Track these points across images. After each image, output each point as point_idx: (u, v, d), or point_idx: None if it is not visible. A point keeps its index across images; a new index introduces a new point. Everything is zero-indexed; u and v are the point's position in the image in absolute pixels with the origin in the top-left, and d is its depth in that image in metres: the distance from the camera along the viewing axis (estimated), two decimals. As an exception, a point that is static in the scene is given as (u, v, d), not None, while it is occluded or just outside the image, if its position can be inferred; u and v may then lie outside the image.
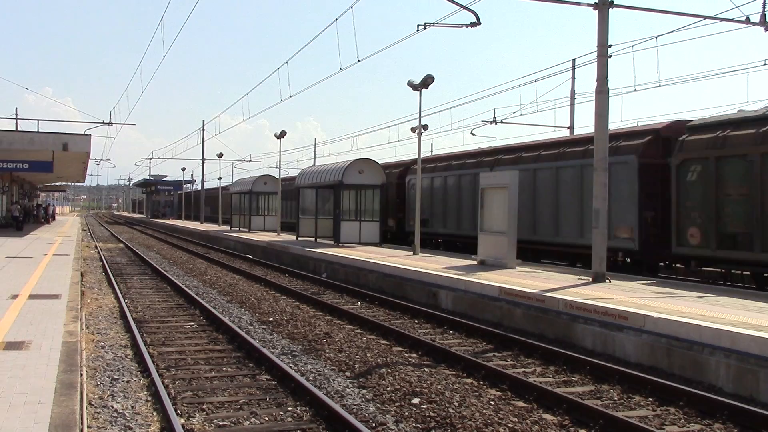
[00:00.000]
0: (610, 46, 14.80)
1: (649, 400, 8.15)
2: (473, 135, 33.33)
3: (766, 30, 14.82)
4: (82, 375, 7.58)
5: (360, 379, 8.92)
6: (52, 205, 72.71)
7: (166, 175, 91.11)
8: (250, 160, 64.60)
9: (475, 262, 18.84)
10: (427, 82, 21.52)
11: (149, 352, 10.04)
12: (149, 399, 7.89)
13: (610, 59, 14.78)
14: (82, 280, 17.20)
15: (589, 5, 14.72)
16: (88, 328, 11.95)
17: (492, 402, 7.89)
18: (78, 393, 6.42)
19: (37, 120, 41.03)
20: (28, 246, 25.50)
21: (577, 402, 7.65)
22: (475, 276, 15.38)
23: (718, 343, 8.92)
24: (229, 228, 47.48)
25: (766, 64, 19.35)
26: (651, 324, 9.99)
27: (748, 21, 14.98)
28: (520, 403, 7.90)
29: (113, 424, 6.94)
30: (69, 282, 14.60)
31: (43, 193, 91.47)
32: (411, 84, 21.97)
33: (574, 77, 29.74)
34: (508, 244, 17.62)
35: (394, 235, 30.46)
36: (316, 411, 7.44)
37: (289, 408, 7.63)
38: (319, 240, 29.28)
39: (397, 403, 7.84)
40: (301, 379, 8.39)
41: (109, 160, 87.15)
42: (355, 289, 17.55)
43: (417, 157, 23.43)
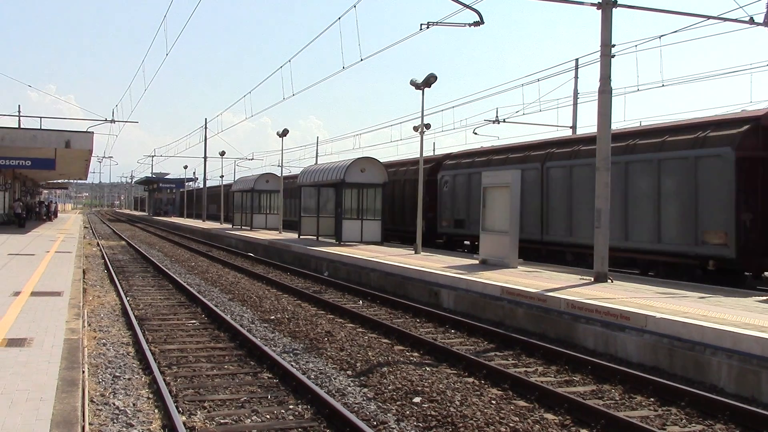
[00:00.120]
0: (614, 46, 14.78)
1: (651, 400, 8.14)
2: (475, 134, 33.34)
3: (770, 30, 14.74)
4: (83, 372, 7.60)
5: (361, 378, 8.92)
6: (55, 203, 72.85)
7: (168, 173, 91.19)
8: (252, 158, 64.60)
9: (477, 262, 18.84)
10: (429, 81, 21.52)
11: (151, 350, 10.05)
12: (151, 396, 7.90)
13: (613, 59, 14.75)
14: (84, 278, 17.23)
15: (593, 5, 14.70)
16: (90, 325, 11.97)
17: (493, 401, 7.89)
18: (80, 390, 6.43)
19: (40, 117, 41.13)
20: (30, 243, 25.54)
21: (579, 402, 7.64)
22: (476, 275, 15.38)
23: (720, 343, 8.91)
24: (230, 226, 47.51)
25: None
26: (653, 324, 9.98)
27: (752, 21, 14.95)
28: (522, 403, 7.90)
29: (115, 421, 6.95)
30: (71, 279, 14.62)
31: (45, 191, 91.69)
32: (414, 83, 21.97)
33: (577, 77, 29.74)
34: (510, 244, 17.61)
35: (423, 237, 28.68)
36: (318, 409, 7.45)
37: (291, 406, 7.64)
38: (320, 238, 29.28)
39: (398, 402, 7.85)
40: (303, 378, 8.39)
41: (111, 157, 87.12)
42: (356, 287, 17.55)
43: (420, 156, 23.40)
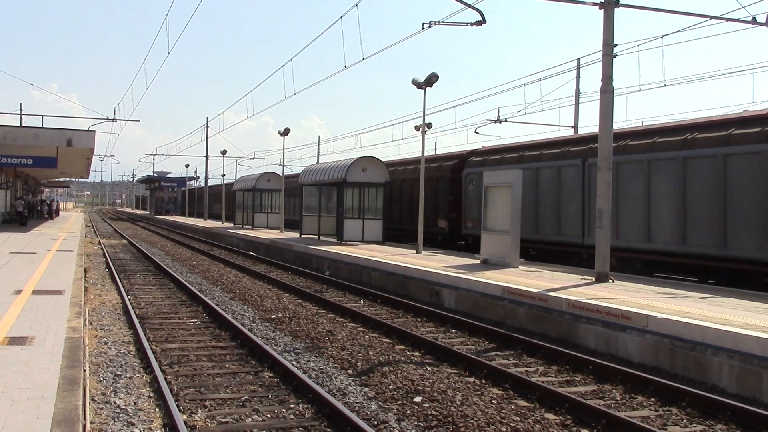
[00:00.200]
0: (616, 46, 14.77)
1: (652, 400, 8.14)
2: (477, 134, 33.33)
3: (772, 30, 14.72)
4: (85, 371, 7.60)
5: (362, 377, 8.92)
6: (56, 201, 72.88)
7: (169, 172, 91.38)
8: (254, 157, 64.57)
9: (478, 261, 18.83)
10: (431, 80, 21.52)
11: (152, 349, 10.06)
12: (152, 395, 7.90)
13: (615, 59, 14.74)
14: (85, 276, 17.25)
15: (595, 4, 14.69)
16: (91, 324, 11.98)
17: (494, 401, 7.89)
18: (81, 389, 6.44)
19: (42, 116, 41.01)
20: (31, 241, 25.56)
21: (580, 402, 7.64)
22: (478, 275, 15.37)
23: (721, 343, 8.90)
24: (232, 225, 47.52)
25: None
26: (654, 324, 9.97)
27: (754, 21, 14.93)
28: (523, 403, 7.90)
29: (116, 420, 6.95)
30: (72, 278, 14.63)
31: (47, 189, 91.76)
32: (415, 82, 21.97)
33: (579, 76, 29.70)
34: (512, 243, 17.60)
35: (445, 238, 26.79)
36: (318, 409, 7.45)
37: (292, 405, 7.64)
38: (322, 238, 29.28)
39: (399, 402, 7.85)
40: (304, 377, 8.40)
41: (113, 156, 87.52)
42: (357, 287, 17.55)
43: (421, 155, 23.40)
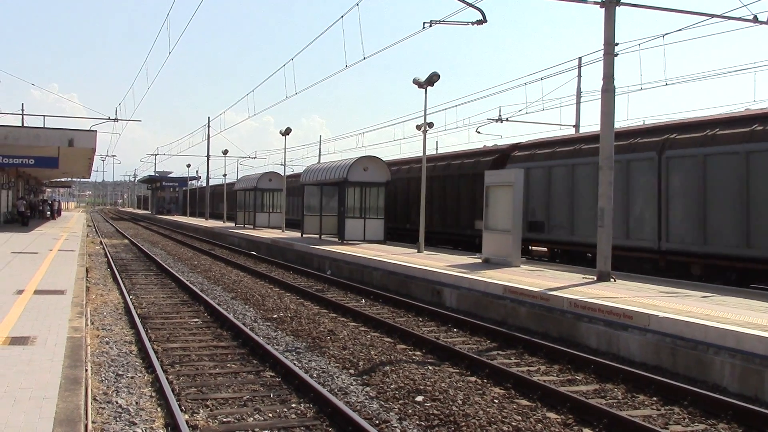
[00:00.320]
0: (617, 45, 14.75)
1: (654, 399, 8.13)
2: (478, 133, 33.26)
3: (773, 29, 14.67)
4: (86, 370, 7.61)
5: (364, 377, 8.92)
6: (58, 201, 72.93)
7: (171, 172, 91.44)
8: (255, 157, 64.65)
9: (479, 260, 18.83)
10: (432, 79, 21.51)
11: (154, 348, 10.06)
12: (153, 395, 7.91)
13: (616, 57, 14.73)
14: (87, 276, 17.25)
15: (596, 3, 14.66)
16: (93, 323, 11.98)
17: (496, 400, 7.89)
18: (83, 388, 6.44)
19: (43, 116, 41.30)
20: (33, 241, 25.58)
21: (581, 401, 7.64)
22: (479, 274, 15.37)
23: (723, 343, 8.89)
24: (233, 225, 47.55)
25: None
26: (656, 323, 9.96)
27: (755, 20, 14.90)
28: (524, 402, 7.90)
29: (117, 419, 6.96)
30: (74, 277, 14.64)
31: (48, 189, 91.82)
32: (417, 81, 21.96)
33: (580, 75, 29.66)
34: (513, 242, 17.60)
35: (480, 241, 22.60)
36: (320, 408, 7.45)
37: (293, 405, 7.64)
38: (323, 237, 29.29)
39: (400, 401, 7.85)
40: (305, 376, 8.40)
41: (114, 156, 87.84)
42: (359, 286, 17.55)
43: (422, 154, 23.41)
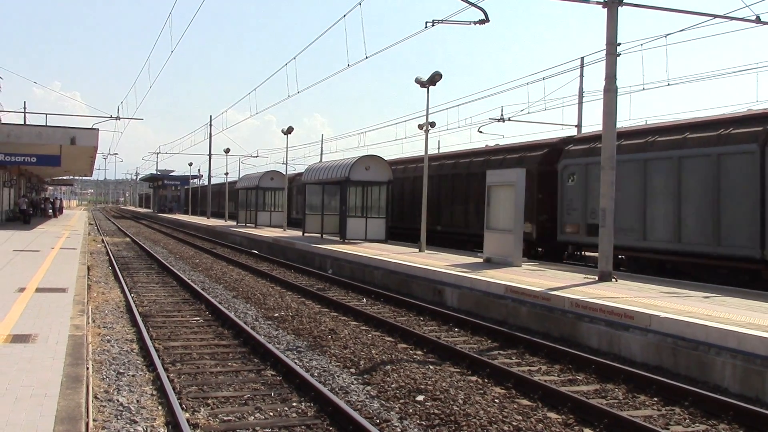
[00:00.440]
0: (619, 45, 14.74)
1: (655, 399, 8.13)
2: (480, 132, 33.16)
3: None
4: (88, 368, 7.61)
5: (365, 376, 8.92)
6: (60, 199, 72.98)
7: (173, 170, 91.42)
8: (257, 156, 64.92)
9: (481, 260, 18.83)
10: (434, 79, 21.50)
11: (155, 347, 10.07)
12: (154, 393, 7.91)
13: (618, 57, 14.72)
14: (88, 274, 17.26)
15: (598, 3, 14.65)
16: (94, 321, 12.00)
17: (497, 400, 7.89)
18: (84, 386, 6.45)
19: (45, 114, 41.35)
20: (35, 239, 25.61)
21: (582, 401, 7.64)
22: (480, 274, 15.36)
23: (724, 343, 8.89)
24: (235, 223, 47.56)
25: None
26: (657, 324, 9.96)
27: (758, 20, 14.88)
28: (525, 402, 7.90)
29: (118, 417, 6.97)
30: (76, 276, 14.65)
31: (50, 187, 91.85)
32: (419, 81, 21.95)
33: (582, 75, 29.63)
34: (515, 242, 17.60)
35: (532, 246, 21.39)
36: (321, 407, 7.45)
37: (294, 404, 7.65)
38: (325, 236, 29.30)
39: (401, 400, 7.85)
40: (306, 375, 8.40)
41: (116, 154, 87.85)
42: (360, 285, 17.55)
43: (424, 153, 23.39)
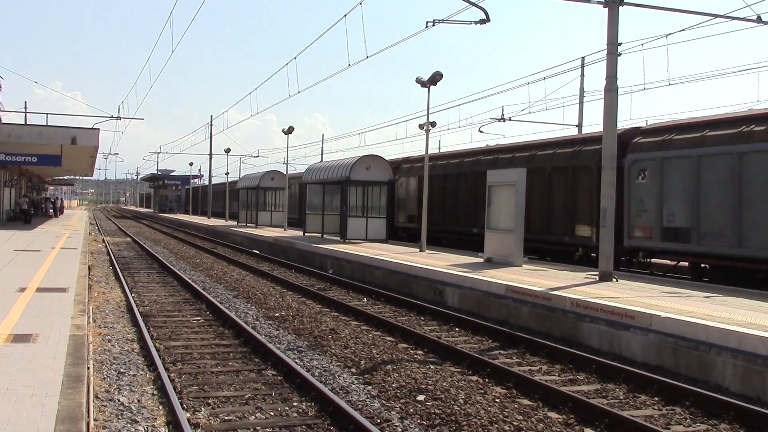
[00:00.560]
0: (620, 44, 14.73)
1: (655, 399, 8.13)
2: (481, 132, 33.16)
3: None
4: (88, 368, 7.62)
5: (365, 376, 8.92)
6: (60, 199, 73.00)
7: (173, 170, 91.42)
8: (258, 156, 64.92)
9: (481, 260, 18.82)
10: (435, 78, 21.49)
11: (156, 346, 10.07)
12: (155, 393, 7.91)
13: (619, 57, 14.72)
14: (89, 274, 17.27)
15: (599, 3, 14.65)
16: (95, 321, 12.00)
17: (497, 400, 7.89)
18: (85, 386, 6.45)
19: (46, 114, 41.32)
20: (36, 239, 25.62)
21: (583, 401, 7.63)
22: (481, 273, 15.36)
23: (725, 343, 8.88)
24: (236, 223, 47.56)
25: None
26: (658, 323, 9.95)
27: (759, 20, 14.88)
28: (526, 401, 7.90)
29: (119, 417, 6.97)
30: (76, 275, 14.66)
31: (51, 187, 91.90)
32: (419, 80, 21.95)
33: (583, 75, 29.66)
34: (515, 242, 17.59)
35: (590, 252, 18.59)
36: (322, 407, 7.45)
37: (295, 403, 7.65)
38: (325, 236, 29.29)
39: (402, 400, 7.85)
40: (307, 375, 8.40)
41: (117, 154, 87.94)
42: (361, 285, 17.55)
43: (425, 153, 23.38)
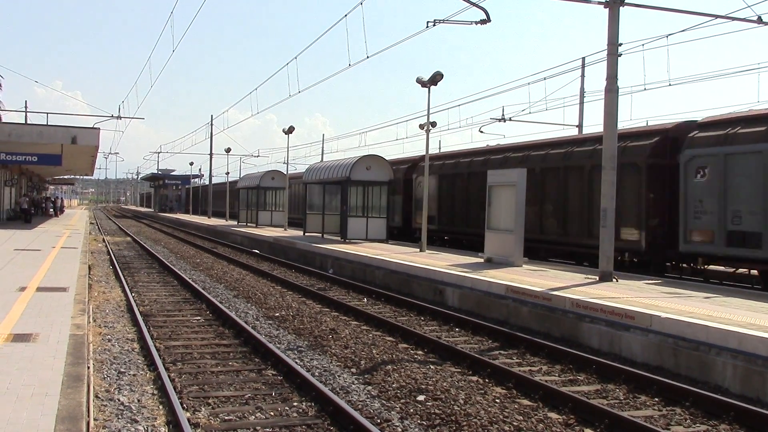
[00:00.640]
0: (621, 45, 14.73)
1: (655, 400, 8.13)
2: (481, 132, 33.17)
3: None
4: (88, 368, 7.63)
5: (365, 376, 8.92)
6: (61, 198, 73.03)
7: (174, 170, 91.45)
8: (258, 156, 64.87)
9: (482, 260, 18.82)
10: (435, 78, 21.49)
11: (156, 346, 10.07)
12: (155, 392, 7.91)
13: (620, 58, 14.72)
14: (89, 273, 17.27)
15: (600, 3, 14.64)
16: (95, 321, 12.00)
17: (497, 400, 7.89)
18: (85, 386, 6.46)
19: (47, 113, 41.12)
20: (36, 238, 25.62)
21: (583, 401, 7.63)
22: (481, 274, 15.36)
23: (725, 343, 8.88)
24: (236, 223, 47.57)
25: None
26: (658, 324, 9.95)
27: (760, 20, 14.88)
28: (526, 402, 7.90)
29: (119, 417, 6.97)
30: (77, 275, 14.66)
31: (51, 186, 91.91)
32: (420, 81, 21.95)
33: (583, 75, 29.67)
34: (516, 242, 17.60)
35: (637, 257, 17.55)
36: (322, 407, 7.45)
37: (295, 403, 7.65)
38: (325, 236, 29.30)
39: (402, 400, 7.85)
40: (307, 375, 8.40)
41: (117, 153, 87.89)
42: (361, 285, 17.55)
43: (425, 153, 23.39)
